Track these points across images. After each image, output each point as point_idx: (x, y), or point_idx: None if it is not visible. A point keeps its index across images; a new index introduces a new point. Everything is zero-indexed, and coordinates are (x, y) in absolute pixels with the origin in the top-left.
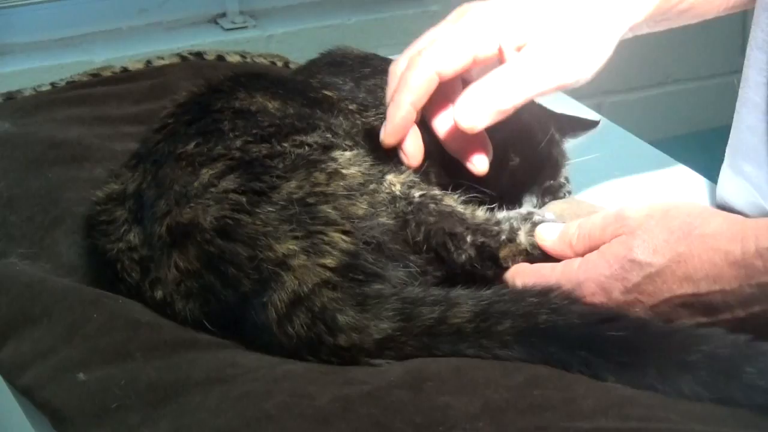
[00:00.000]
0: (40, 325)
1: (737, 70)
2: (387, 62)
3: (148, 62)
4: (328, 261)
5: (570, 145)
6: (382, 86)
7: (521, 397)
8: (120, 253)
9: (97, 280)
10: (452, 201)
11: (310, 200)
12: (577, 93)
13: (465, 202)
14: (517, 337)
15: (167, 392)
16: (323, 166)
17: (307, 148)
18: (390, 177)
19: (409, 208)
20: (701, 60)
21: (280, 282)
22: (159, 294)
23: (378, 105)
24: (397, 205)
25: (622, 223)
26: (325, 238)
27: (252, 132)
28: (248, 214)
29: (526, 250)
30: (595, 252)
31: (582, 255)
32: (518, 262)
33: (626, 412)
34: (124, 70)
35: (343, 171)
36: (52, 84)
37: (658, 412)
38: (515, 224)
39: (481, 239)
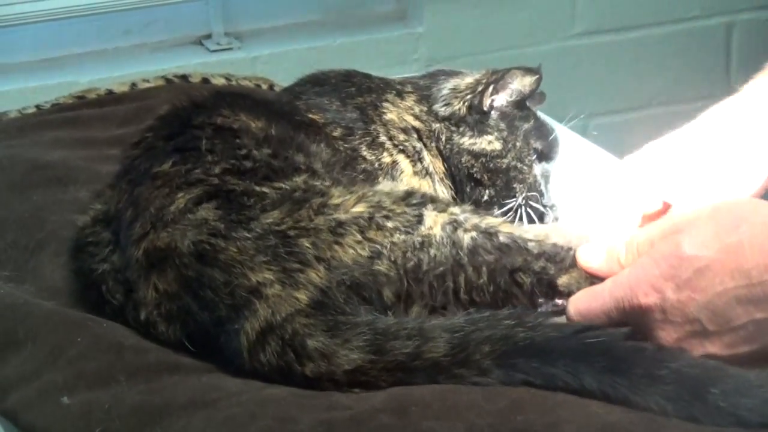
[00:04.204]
0: (25, 348)
1: (723, 93)
2: (368, 78)
3: (134, 85)
4: (302, 295)
5: (555, 166)
6: (375, 104)
7: (504, 422)
8: (105, 274)
9: (83, 303)
10: (509, 227)
11: (291, 233)
12: (561, 115)
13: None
14: (497, 360)
15: (151, 416)
16: (308, 204)
17: (293, 191)
18: (430, 217)
19: (460, 254)
20: (686, 83)
21: (253, 310)
22: (143, 315)
23: (369, 122)
24: (433, 252)
25: (669, 224)
26: (301, 275)
27: (230, 161)
28: (224, 239)
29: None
30: (643, 254)
31: None
32: (583, 287)
33: None
34: (110, 92)
35: (335, 201)
36: (38, 106)
37: None
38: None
39: (542, 264)
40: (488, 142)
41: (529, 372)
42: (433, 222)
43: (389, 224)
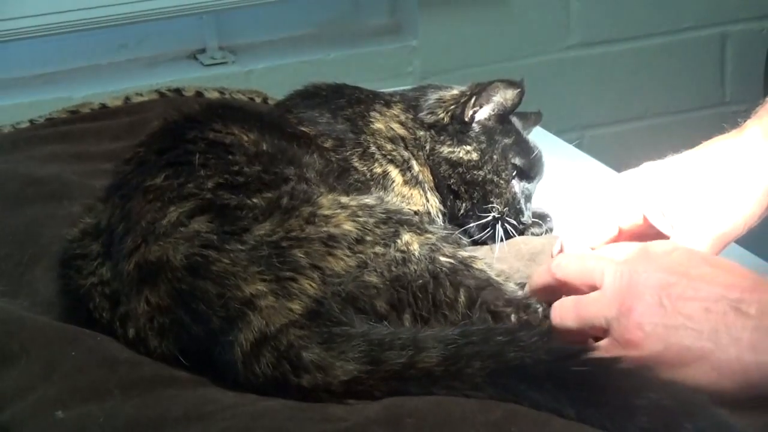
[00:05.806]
0: (18, 362)
1: (717, 104)
2: (359, 90)
3: (127, 99)
4: (296, 306)
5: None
6: (363, 114)
7: None
8: (92, 288)
9: (75, 318)
10: (482, 265)
11: (284, 244)
12: (556, 127)
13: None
14: (488, 378)
15: (145, 429)
16: (297, 212)
17: (279, 199)
18: (406, 237)
19: (439, 268)
20: (680, 94)
21: (247, 321)
22: (131, 332)
23: (359, 133)
24: (413, 267)
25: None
26: (294, 285)
27: (223, 176)
28: (216, 250)
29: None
30: None
31: None
32: None
33: None
34: (103, 106)
35: (325, 213)
36: (31, 121)
37: None
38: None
39: (524, 317)
40: (466, 152)
41: (517, 393)
42: (411, 239)
43: (368, 238)
